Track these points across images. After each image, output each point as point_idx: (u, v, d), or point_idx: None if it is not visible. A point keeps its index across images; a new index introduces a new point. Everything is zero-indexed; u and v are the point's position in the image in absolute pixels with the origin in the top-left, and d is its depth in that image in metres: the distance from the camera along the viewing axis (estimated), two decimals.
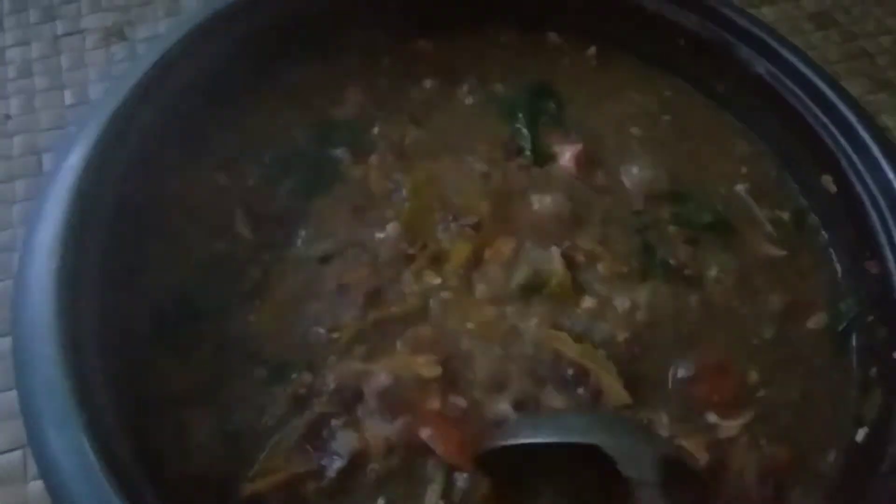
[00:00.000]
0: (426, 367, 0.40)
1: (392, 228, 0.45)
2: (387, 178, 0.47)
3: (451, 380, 0.40)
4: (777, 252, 0.48)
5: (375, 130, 0.50)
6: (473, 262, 0.44)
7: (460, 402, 0.39)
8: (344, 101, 0.52)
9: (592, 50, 0.56)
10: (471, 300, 0.43)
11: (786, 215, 0.50)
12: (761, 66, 0.50)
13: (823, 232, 0.49)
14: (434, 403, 0.38)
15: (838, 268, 0.48)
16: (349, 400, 0.39)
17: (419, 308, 0.42)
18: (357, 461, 0.37)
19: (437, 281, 0.43)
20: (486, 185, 0.48)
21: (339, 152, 0.49)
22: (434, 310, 0.43)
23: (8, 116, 0.60)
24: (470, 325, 0.42)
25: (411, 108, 0.52)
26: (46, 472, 0.32)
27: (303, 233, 0.45)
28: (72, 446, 0.31)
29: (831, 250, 0.49)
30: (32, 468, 0.44)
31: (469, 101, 0.53)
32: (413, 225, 0.45)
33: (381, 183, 0.47)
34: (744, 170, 0.52)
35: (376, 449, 0.37)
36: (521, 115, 0.52)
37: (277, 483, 0.36)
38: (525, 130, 0.51)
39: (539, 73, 0.55)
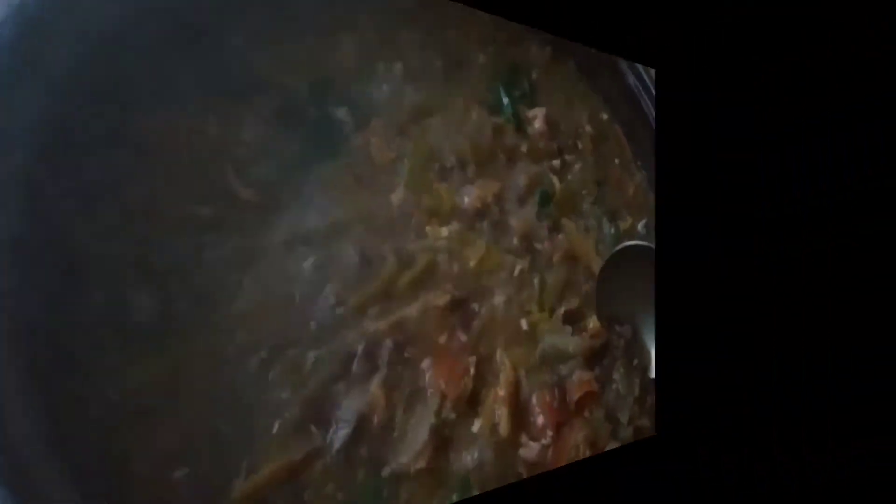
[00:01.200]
0: (436, 297, 0.39)
1: (397, 195, 0.43)
2: (388, 147, 0.44)
3: (461, 317, 0.40)
4: None
5: (373, 90, 0.46)
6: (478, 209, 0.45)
7: (462, 336, 0.39)
8: (339, 48, 0.46)
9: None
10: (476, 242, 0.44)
11: None
12: None
13: None
14: (443, 338, 0.38)
15: None
16: (353, 360, 0.36)
17: (429, 262, 0.41)
18: (363, 424, 0.35)
19: (444, 233, 0.42)
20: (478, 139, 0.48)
21: (342, 113, 0.44)
22: (442, 260, 0.41)
23: None
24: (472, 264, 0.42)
25: (405, 66, 0.49)
26: None
27: (307, 201, 0.41)
28: None
29: None
30: None
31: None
32: (416, 185, 0.43)
33: (383, 152, 0.44)
34: None
35: (381, 400, 0.35)
36: (500, 87, 0.53)
37: (276, 473, 0.32)
38: (506, 99, 0.52)
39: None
